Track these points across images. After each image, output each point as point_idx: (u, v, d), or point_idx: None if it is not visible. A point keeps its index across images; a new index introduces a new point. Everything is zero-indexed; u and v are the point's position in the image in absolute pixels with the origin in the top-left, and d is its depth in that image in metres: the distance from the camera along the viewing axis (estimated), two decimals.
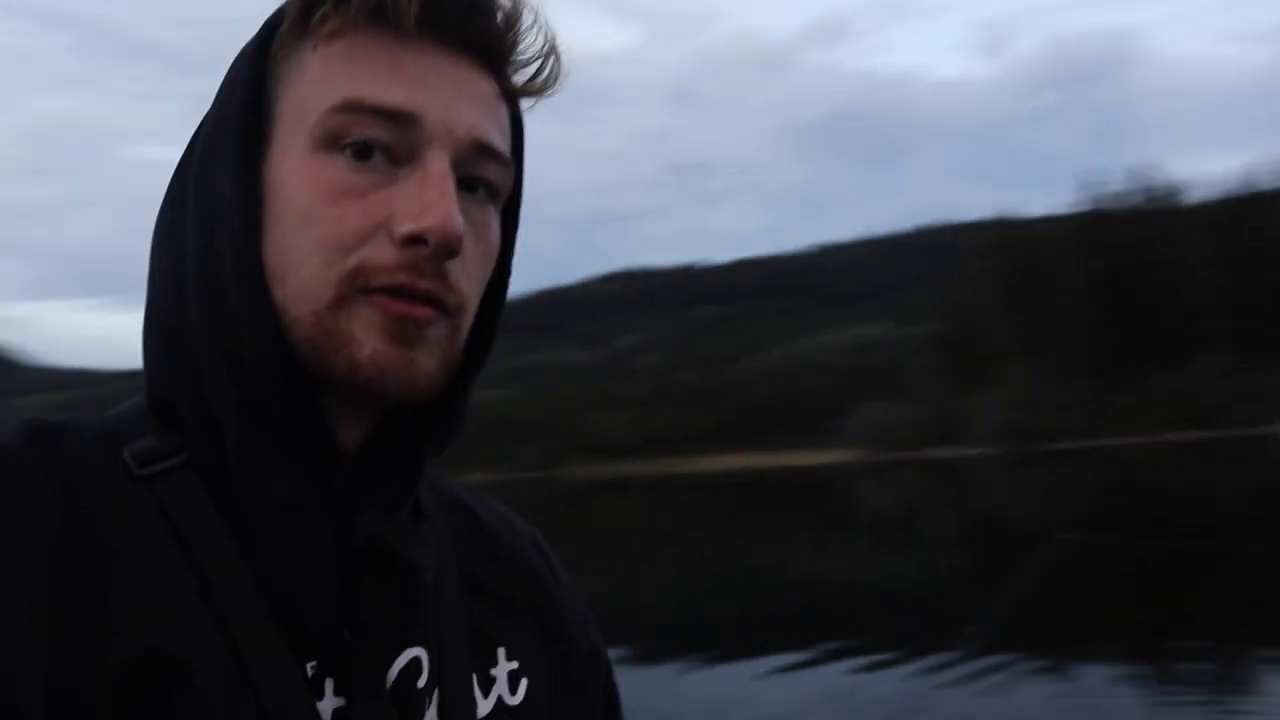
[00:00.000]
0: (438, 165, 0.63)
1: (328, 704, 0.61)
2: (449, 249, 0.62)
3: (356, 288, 0.62)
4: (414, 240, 0.62)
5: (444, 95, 0.64)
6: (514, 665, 0.73)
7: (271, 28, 0.66)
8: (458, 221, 0.62)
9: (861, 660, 8.36)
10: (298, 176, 0.63)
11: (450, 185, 0.63)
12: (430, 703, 0.65)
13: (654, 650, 10.08)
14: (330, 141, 0.62)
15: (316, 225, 0.62)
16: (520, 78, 0.69)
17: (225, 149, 0.65)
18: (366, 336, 0.62)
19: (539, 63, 0.68)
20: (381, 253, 0.62)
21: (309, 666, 0.61)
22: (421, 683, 0.65)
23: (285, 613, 0.61)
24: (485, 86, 0.66)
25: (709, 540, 24.45)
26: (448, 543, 0.74)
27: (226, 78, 0.68)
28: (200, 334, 0.64)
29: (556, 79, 0.69)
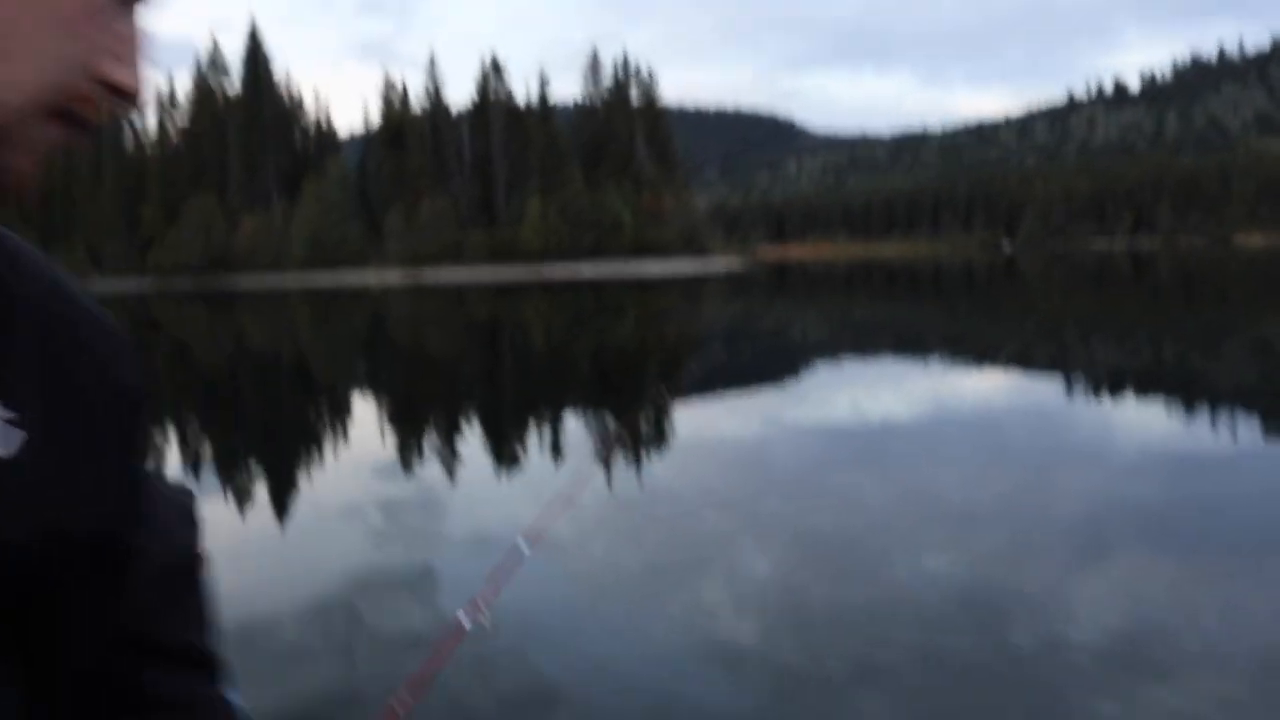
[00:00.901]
0: (144, 29, 0.63)
1: None
2: (133, 112, 0.65)
3: (48, 104, 0.60)
4: (116, 90, 0.62)
5: None
6: (9, 414, 0.68)
7: None
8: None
9: None
10: None
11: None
12: None
13: None
14: None
15: (56, 29, 0.59)
16: None
17: None
18: (28, 151, 0.61)
19: None
20: (83, 82, 0.61)
21: None
22: None
23: None
24: None
25: None
26: None
27: None
28: None
29: None
